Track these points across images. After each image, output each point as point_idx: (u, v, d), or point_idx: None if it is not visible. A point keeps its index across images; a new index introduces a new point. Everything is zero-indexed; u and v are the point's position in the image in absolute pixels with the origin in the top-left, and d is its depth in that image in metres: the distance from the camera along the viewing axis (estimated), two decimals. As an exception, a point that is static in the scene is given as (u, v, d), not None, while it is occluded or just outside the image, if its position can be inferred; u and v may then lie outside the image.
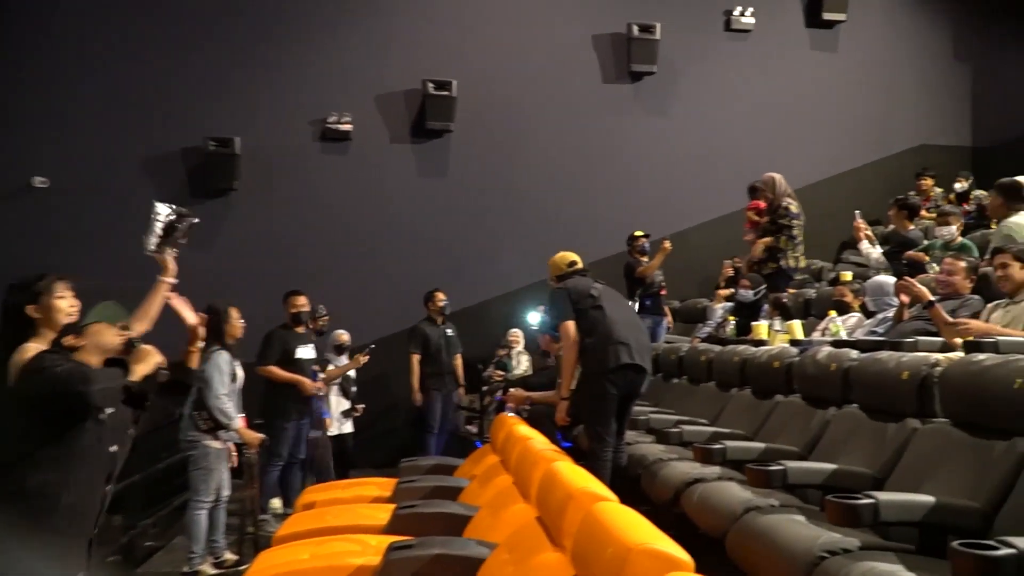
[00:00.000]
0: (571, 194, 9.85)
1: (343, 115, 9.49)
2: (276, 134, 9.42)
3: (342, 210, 9.49)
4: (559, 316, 5.02)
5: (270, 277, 9.03)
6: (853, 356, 4.36)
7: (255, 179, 9.31)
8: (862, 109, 10.69)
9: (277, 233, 9.34)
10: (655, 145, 10.18)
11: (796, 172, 9.79)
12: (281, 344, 6.49)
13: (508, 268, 9.52)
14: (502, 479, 4.17)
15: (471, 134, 9.78)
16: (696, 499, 4.00)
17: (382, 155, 9.68)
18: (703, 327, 8.11)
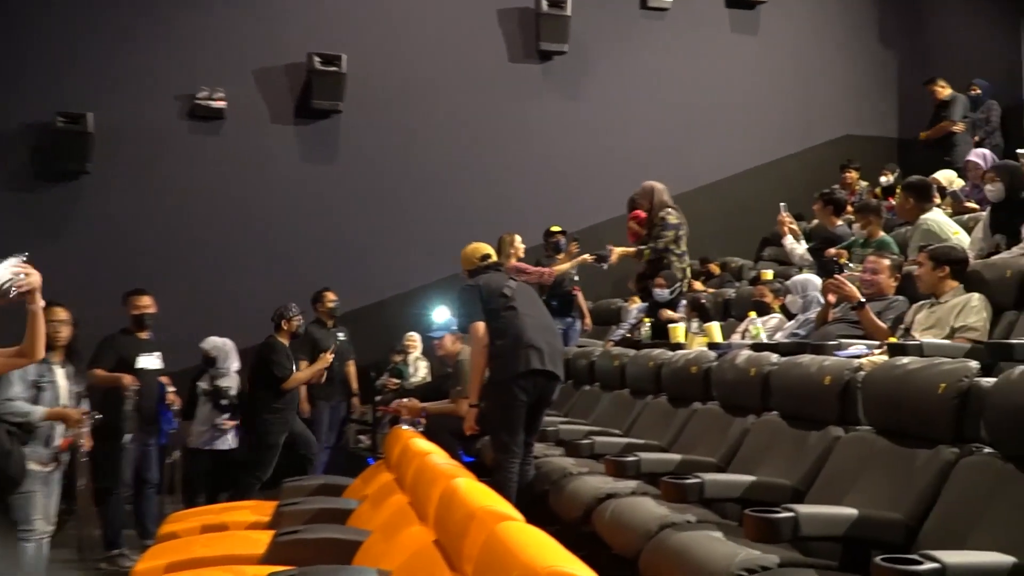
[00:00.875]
0: (475, 183, 9.88)
1: (215, 90, 9.27)
2: (136, 110, 9.12)
3: (213, 199, 9.27)
4: (468, 316, 5.05)
5: (127, 274, 8.68)
6: (773, 360, 4.49)
7: (111, 161, 8.99)
8: (784, 96, 11.06)
9: (136, 224, 9.04)
10: (567, 131, 10.30)
11: (715, 163, 10.12)
12: (116, 351, 6.24)
13: (406, 265, 9.48)
14: (397, 499, 4.15)
15: (363, 115, 9.68)
16: (608, 516, 4.05)
17: (261, 137, 9.50)
18: (617, 329, 8.23)
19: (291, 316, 7.22)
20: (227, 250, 9.24)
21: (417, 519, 3.63)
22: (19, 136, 8.92)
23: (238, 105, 9.37)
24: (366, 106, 9.69)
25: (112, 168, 9.02)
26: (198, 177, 9.27)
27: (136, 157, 9.13)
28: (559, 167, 10.18)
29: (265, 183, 9.46)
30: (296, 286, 8.73)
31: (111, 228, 9.00)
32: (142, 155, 9.15)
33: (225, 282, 9.08)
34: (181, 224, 9.17)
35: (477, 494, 3.08)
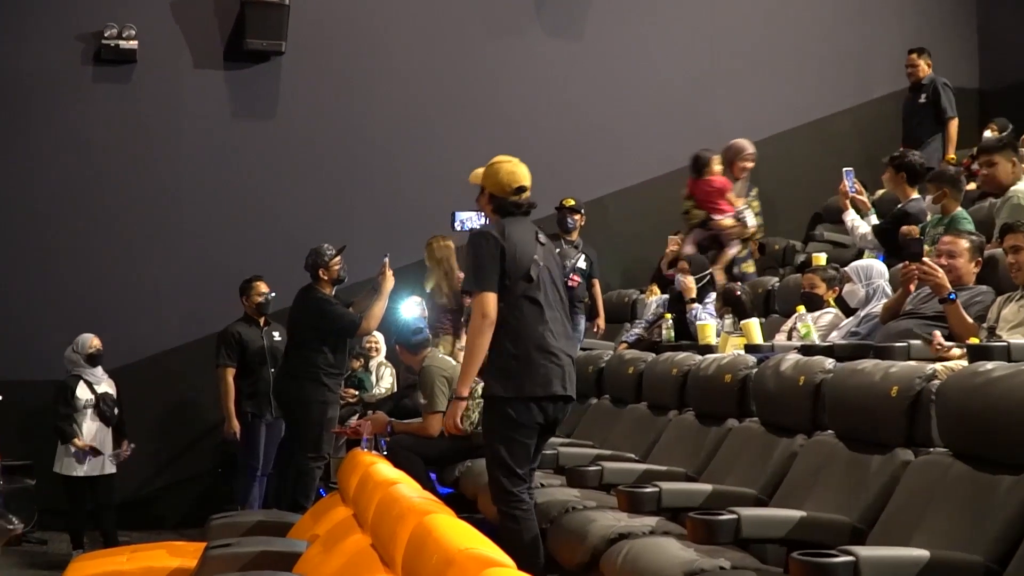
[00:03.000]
0: (448, 144, 9.83)
1: (125, 27, 9.22)
2: (30, 54, 9.08)
3: (122, 160, 9.23)
4: (477, 280, 4.52)
5: (18, 254, 8.77)
6: (827, 366, 4.50)
7: (1, 116, 8.98)
8: (838, 38, 11.03)
9: (29, 192, 9.03)
10: (565, 80, 10.26)
11: (751, 121, 10.10)
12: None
13: (362, 246, 9.42)
14: (355, 540, 4.16)
15: (309, 58, 9.65)
16: (621, 562, 4.05)
17: (181, 85, 9.46)
18: (631, 328, 8.25)
19: (328, 259, 7.28)
20: (133, 225, 9.21)
21: (382, 566, 3.64)
22: None
23: (153, 46, 9.32)
24: (313, 47, 9.65)
25: (2, 125, 8.99)
26: (105, 134, 9.23)
27: (27, 110, 9.09)
28: (553, 126, 10.14)
29: (185, 142, 9.42)
30: (219, 273, 8.75)
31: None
32: (35, 107, 9.11)
33: (127, 265, 9.09)
34: (80, 192, 9.13)
35: (456, 534, 3.08)
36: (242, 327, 7.97)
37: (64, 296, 8.86)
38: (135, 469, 7.79)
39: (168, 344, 8.83)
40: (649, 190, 10.18)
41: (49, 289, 8.86)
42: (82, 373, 7.83)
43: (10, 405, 7.05)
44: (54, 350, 8.10)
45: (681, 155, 9.76)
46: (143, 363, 8.58)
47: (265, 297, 7.99)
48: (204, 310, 8.72)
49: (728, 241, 8.26)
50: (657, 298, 8.28)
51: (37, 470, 8.25)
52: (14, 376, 8.06)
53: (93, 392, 7.78)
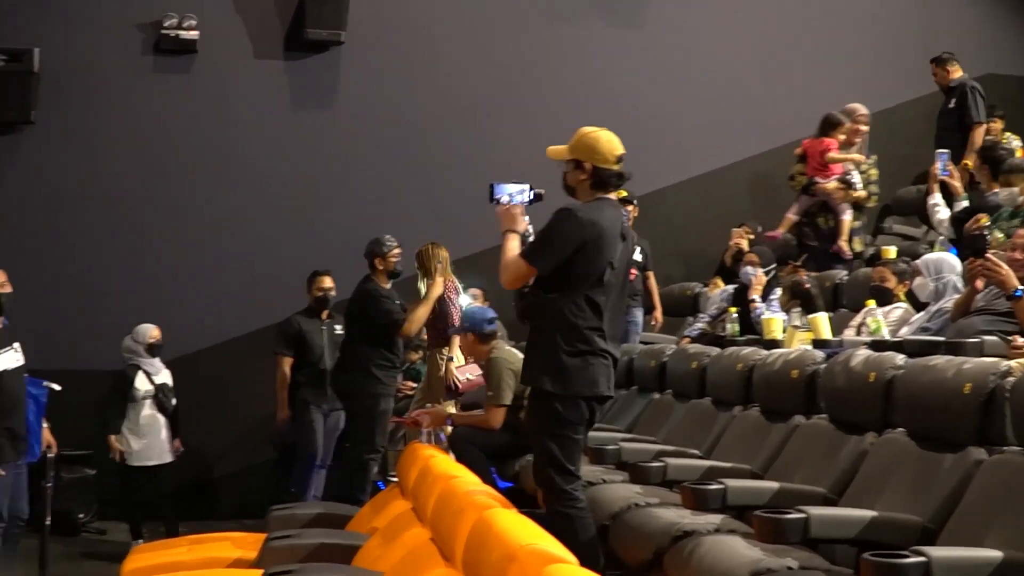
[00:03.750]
0: (507, 133, 9.84)
1: (186, 18, 9.32)
2: (91, 45, 9.21)
3: (182, 150, 9.35)
4: (536, 251, 4.42)
5: (72, 243, 8.91)
6: (898, 362, 4.44)
7: (60, 107, 9.10)
8: (907, 24, 10.87)
9: (88, 183, 9.17)
10: (623, 69, 10.21)
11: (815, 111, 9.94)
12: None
13: (421, 237, 9.46)
14: (415, 533, 4.18)
15: (368, 48, 9.70)
16: (686, 560, 4.03)
17: (241, 75, 9.55)
18: (694, 322, 8.21)
19: (386, 251, 7.35)
20: (195, 217, 9.33)
21: (442, 560, 3.65)
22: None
23: (213, 36, 9.42)
24: (372, 36, 9.70)
25: (62, 116, 9.12)
26: (165, 126, 9.35)
27: (90, 102, 9.22)
28: (613, 115, 10.03)
29: (244, 133, 9.51)
30: (277, 264, 8.82)
31: (60, 189, 9.12)
32: (97, 99, 9.23)
33: (189, 256, 9.20)
34: (141, 184, 9.26)
35: (518, 530, 3.09)
36: (303, 318, 8.05)
37: (122, 287, 8.99)
38: (194, 459, 7.89)
39: (226, 335, 8.91)
40: (711, 181, 10.13)
41: (107, 280, 9.00)
42: (141, 363, 7.92)
43: (70, 395, 7.14)
44: (112, 340, 8.22)
45: (743, 146, 9.75)
46: (202, 353, 8.67)
47: (325, 293, 8.05)
48: (262, 301, 8.79)
49: (839, 207, 8.09)
50: (721, 291, 8.23)
51: (96, 460, 8.39)
52: (73, 366, 8.17)
53: (152, 382, 7.88)
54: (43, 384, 6.61)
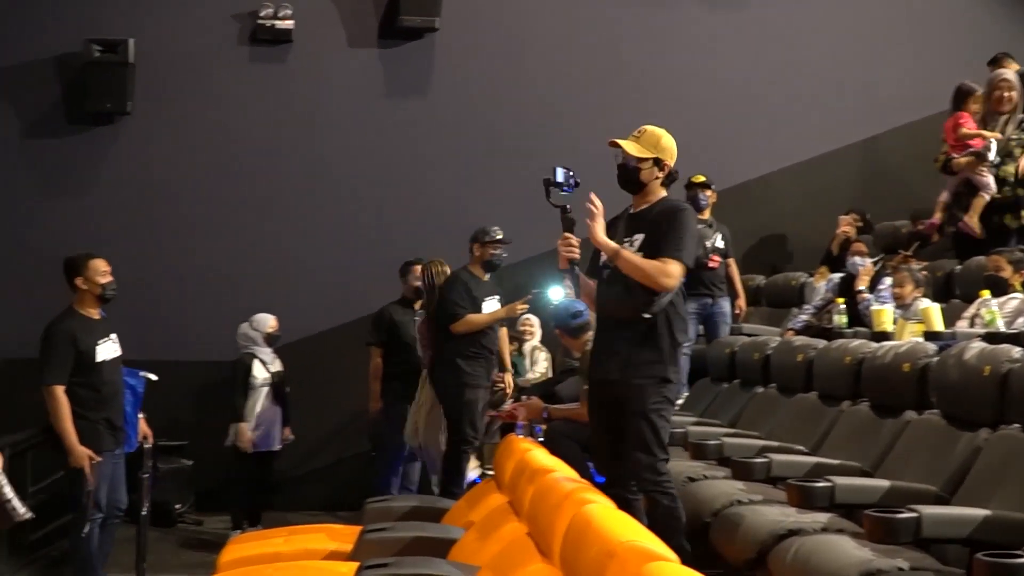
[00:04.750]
0: (604, 121, 9.74)
1: (281, 7, 9.45)
2: (186, 35, 9.41)
3: (277, 140, 9.50)
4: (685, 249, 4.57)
5: (171, 234, 9.10)
6: (1015, 355, 4.36)
7: (156, 98, 9.31)
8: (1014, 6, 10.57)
9: (184, 174, 9.37)
10: (725, 53, 10.08)
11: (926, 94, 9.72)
12: (69, 343, 6.19)
13: (518, 225, 9.46)
14: (511, 528, 4.19)
15: (462, 35, 9.73)
16: (791, 559, 4.00)
17: (336, 63, 9.66)
18: (799, 313, 8.11)
19: (486, 240, 7.41)
20: (289, 207, 9.47)
21: (539, 555, 3.65)
22: (44, 70, 9.30)
23: (308, 25, 9.54)
24: (469, 22, 9.74)
25: (157, 106, 9.33)
26: (260, 115, 9.50)
27: (185, 92, 9.41)
28: (716, 99, 9.98)
29: (339, 121, 9.61)
30: (373, 253, 8.90)
31: (155, 179, 9.33)
32: (192, 89, 9.43)
33: (285, 247, 9.35)
34: (236, 175, 9.44)
35: (617, 525, 3.08)
36: (396, 309, 8.10)
37: (217, 277, 9.17)
38: (291, 449, 7.99)
39: (321, 326, 9.01)
40: (818, 167, 9.97)
41: (202, 270, 9.18)
42: (257, 352, 8.03)
43: (167, 386, 7.28)
44: (207, 331, 8.39)
45: (852, 130, 9.54)
46: (297, 344, 8.76)
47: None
48: (358, 290, 8.87)
49: (980, 184, 7.57)
50: (827, 282, 8.11)
51: (193, 450, 8.56)
52: (169, 357, 8.32)
53: (268, 371, 8.00)
54: (140, 374, 6.75)
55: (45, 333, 6.08)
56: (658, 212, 4.75)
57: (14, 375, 6.81)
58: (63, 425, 5.93)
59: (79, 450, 5.93)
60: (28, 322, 6.56)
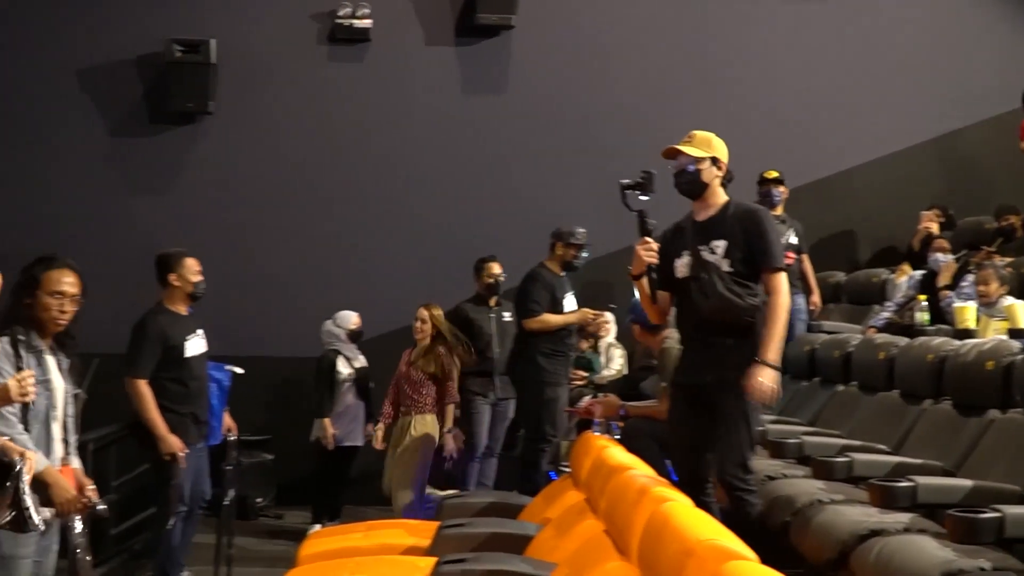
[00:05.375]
0: (685, 117, 9.66)
1: (359, 6, 9.52)
2: (266, 35, 9.52)
3: (357, 139, 9.58)
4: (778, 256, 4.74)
5: (253, 233, 9.23)
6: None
7: (237, 97, 9.45)
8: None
9: (266, 172, 9.49)
10: (805, 45, 9.94)
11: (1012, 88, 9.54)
12: (159, 338, 6.30)
13: (593, 223, 9.45)
14: (588, 525, 4.19)
15: (539, 32, 9.73)
16: (873, 560, 3.97)
17: (413, 62, 9.70)
18: (880, 311, 8.02)
19: (571, 241, 7.45)
20: (369, 205, 9.53)
21: (616, 553, 3.65)
22: (125, 71, 9.46)
23: (385, 23, 9.60)
24: (545, 19, 9.72)
25: (238, 106, 9.46)
26: (337, 114, 9.59)
27: (266, 91, 9.54)
28: (796, 93, 9.85)
29: (417, 119, 9.66)
30: (451, 250, 8.93)
31: (236, 179, 9.47)
32: (273, 89, 9.55)
33: (364, 246, 9.42)
34: (316, 174, 9.53)
35: (695, 524, 3.07)
36: (470, 306, 8.12)
37: (297, 274, 9.25)
38: (371, 445, 8.05)
39: (398, 322, 9.05)
40: (899, 162, 9.83)
41: (282, 267, 9.27)
42: (341, 348, 8.11)
43: (251, 382, 7.38)
44: (291, 327, 8.49)
45: (935, 123, 9.38)
46: (375, 341, 8.80)
47: (495, 279, 8.09)
48: (438, 287, 8.83)
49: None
50: (908, 278, 8.01)
51: (275, 445, 8.67)
52: (250, 353, 8.41)
53: (352, 367, 8.08)
54: (226, 368, 6.86)
55: (135, 327, 6.21)
56: (734, 216, 4.78)
57: (97, 370, 6.93)
58: (151, 416, 6.04)
59: (170, 439, 6.02)
60: (112, 318, 6.66)
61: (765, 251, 4.69)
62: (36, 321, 4.19)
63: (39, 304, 4.17)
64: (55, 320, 4.20)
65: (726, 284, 4.65)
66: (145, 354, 6.12)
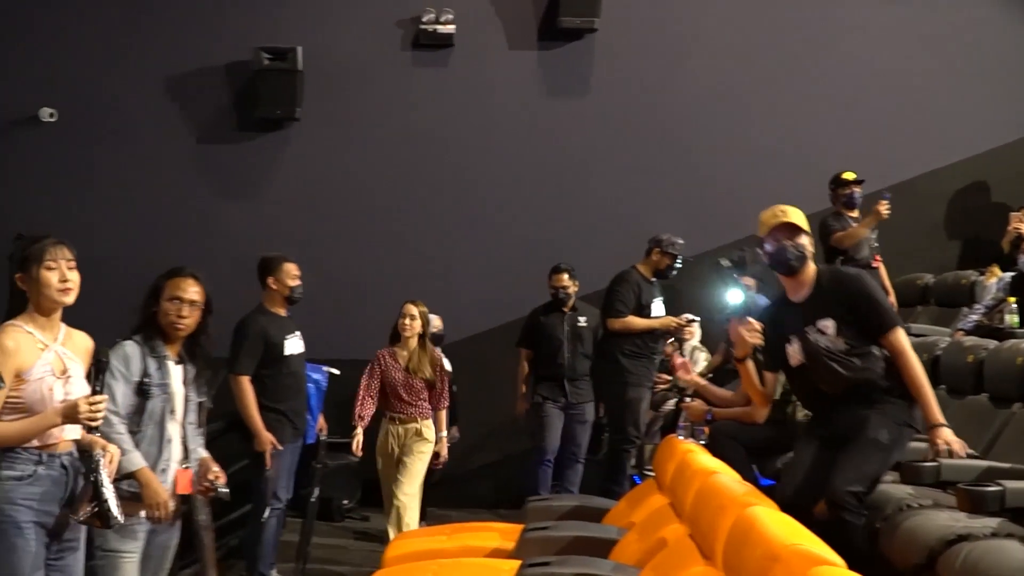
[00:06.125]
0: (768, 121, 9.66)
1: (443, 12, 9.60)
2: (351, 42, 9.65)
3: (441, 144, 9.66)
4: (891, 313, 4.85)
5: (340, 237, 9.35)
6: None
7: (323, 103, 9.58)
8: None
9: (351, 177, 9.62)
10: (893, 45, 9.82)
11: None
12: (260, 336, 6.54)
13: (679, 226, 9.41)
14: (672, 529, 4.19)
15: (622, 34, 9.71)
16: (960, 565, 3.91)
17: (496, 66, 9.76)
18: (969, 313, 7.88)
19: (668, 250, 7.47)
20: (455, 210, 9.62)
21: (701, 557, 3.65)
22: (215, 78, 9.65)
23: (469, 29, 9.67)
24: (628, 22, 9.71)
25: (324, 112, 9.58)
26: (422, 119, 9.68)
27: (352, 98, 9.65)
28: (881, 94, 9.72)
29: (500, 124, 9.73)
30: (535, 254, 8.96)
31: (323, 185, 9.61)
32: (358, 94, 9.66)
33: (449, 250, 9.51)
34: (398, 176, 9.63)
35: (781, 528, 3.06)
36: (543, 311, 8.13)
37: (382, 277, 9.32)
38: (454, 447, 8.08)
39: (484, 325, 9.10)
40: (988, 162, 9.68)
41: (368, 270, 9.38)
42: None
43: (337, 384, 7.48)
44: (373, 330, 8.53)
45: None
46: (460, 344, 8.86)
47: (559, 290, 8.02)
48: (521, 290, 8.86)
49: None
50: (998, 280, 7.86)
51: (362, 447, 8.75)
52: (338, 356, 8.48)
53: None
54: (324, 369, 6.98)
55: (237, 327, 6.46)
56: (831, 289, 4.78)
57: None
58: (250, 412, 6.29)
59: (264, 435, 6.26)
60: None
61: (876, 316, 4.69)
62: (160, 328, 4.36)
63: (160, 310, 4.35)
64: (174, 325, 4.36)
65: (846, 364, 4.65)
66: (245, 352, 6.38)
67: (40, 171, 9.44)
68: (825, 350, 4.66)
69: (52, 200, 9.21)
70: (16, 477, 3.61)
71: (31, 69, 9.50)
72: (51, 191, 9.32)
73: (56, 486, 3.70)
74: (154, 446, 4.28)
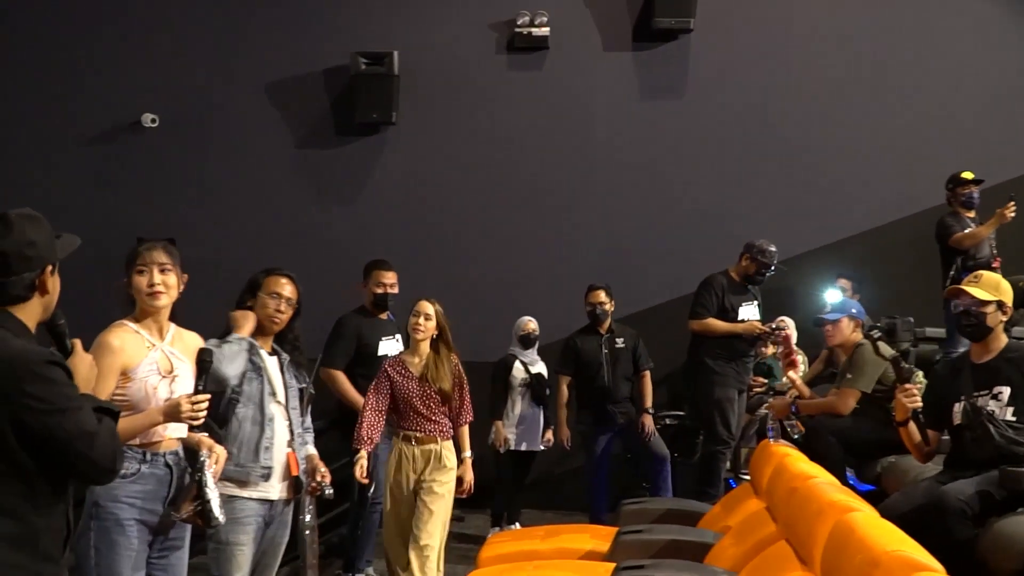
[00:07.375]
0: (860, 118, 9.49)
1: (538, 15, 9.62)
2: (447, 46, 9.73)
3: (537, 146, 9.70)
4: None
5: (438, 240, 9.42)
6: None
7: (419, 107, 9.68)
8: None
9: (447, 180, 9.70)
10: (999, 42, 9.58)
11: None
12: (353, 335, 6.69)
13: (778, 226, 9.28)
14: (769, 534, 4.16)
15: (717, 34, 9.65)
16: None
17: (592, 68, 9.76)
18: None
19: (758, 257, 7.51)
20: (548, 211, 9.64)
21: (798, 563, 3.61)
22: (312, 84, 9.83)
23: (564, 31, 9.69)
24: (724, 22, 9.65)
25: (420, 115, 9.69)
26: (518, 122, 9.73)
27: (447, 101, 9.74)
28: (984, 90, 9.48)
29: (596, 126, 9.73)
30: (633, 256, 8.93)
31: (418, 185, 9.71)
32: (454, 98, 9.74)
33: (546, 253, 9.54)
34: (495, 179, 9.69)
35: (881, 534, 3.03)
36: (579, 335, 7.99)
37: (481, 279, 9.40)
38: (549, 449, 8.09)
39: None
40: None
41: (466, 271, 9.43)
42: (518, 353, 8.09)
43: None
44: (469, 332, 8.58)
45: None
46: (556, 345, 8.85)
47: (594, 307, 7.86)
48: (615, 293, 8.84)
49: None
50: None
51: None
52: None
53: (527, 372, 8.08)
54: None
55: (335, 325, 6.68)
56: (1016, 361, 4.72)
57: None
58: (351, 397, 6.43)
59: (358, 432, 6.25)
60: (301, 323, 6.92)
61: None
62: (257, 321, 4.49)
63: (259, 303, 4.50)
64: (271, 318, 4.50)
65: (1001, 431, 4.57)
66: (337, 348, 6.59)
67: (142, 176, 9.69)
68: (989, 412, 4.62)
69: (153, 204, 9.46)
70: (120, 475, 3.53)
71: (133, 75, 9.77)
72: (152, 195, 9.57)
73: (160, 485, 3.74)
74: (256, 425, 4.37)
